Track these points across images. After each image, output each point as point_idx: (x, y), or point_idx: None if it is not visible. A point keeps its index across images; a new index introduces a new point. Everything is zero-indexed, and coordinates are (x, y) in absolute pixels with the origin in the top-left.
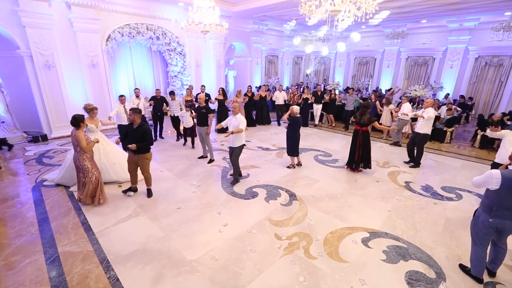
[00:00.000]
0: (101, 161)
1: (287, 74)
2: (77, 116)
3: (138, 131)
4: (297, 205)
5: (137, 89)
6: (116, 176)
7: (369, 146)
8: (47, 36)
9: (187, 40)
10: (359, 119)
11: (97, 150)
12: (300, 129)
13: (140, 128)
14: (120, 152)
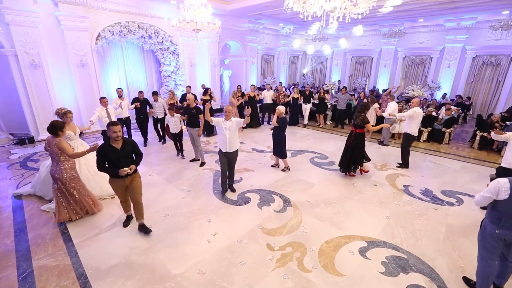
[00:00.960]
0: (82, 171)
1: (283, 74)
2: (56, 123)
3: (126, 148)
4: (291, 211)
5: (120, 88)
6: (100, 189)
7: (360, 149)
8: (32, 34)
9: (181, 39)
10: (354, 120)
11: (77, 160)
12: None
13: (127, 145)
14: None
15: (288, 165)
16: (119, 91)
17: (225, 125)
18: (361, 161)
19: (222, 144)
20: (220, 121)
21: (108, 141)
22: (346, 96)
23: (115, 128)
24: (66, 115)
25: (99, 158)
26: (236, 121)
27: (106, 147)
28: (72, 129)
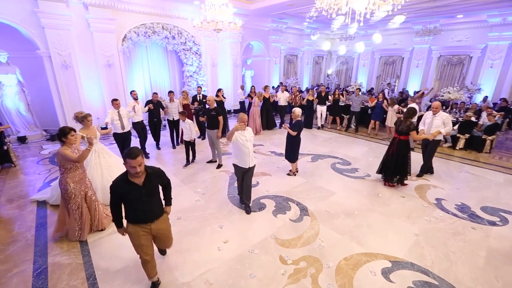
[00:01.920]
0: (104, 177)
1: (307, 74)
2: (62, 128)
3: (151, 182)
4: (308, 221)
5: (135, 91)
6: None
7: (405, 159)
8: (65, 36)
9: (203, 39)
10: (398, 126)
11: (99, 165)
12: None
13: (152, 177)
14: None
15: (297, 169)
16: (133, 93)
17: (244, 136)
18: (404, 174)
19: (243, 158)
20: (238, 134)
21: (125, 176)
22: (360, 97)
23: (134, 162)
24: (86, 119)
25: (112, 198)
26: (251, 135)
27: (122, 185)
28: (92, 132)
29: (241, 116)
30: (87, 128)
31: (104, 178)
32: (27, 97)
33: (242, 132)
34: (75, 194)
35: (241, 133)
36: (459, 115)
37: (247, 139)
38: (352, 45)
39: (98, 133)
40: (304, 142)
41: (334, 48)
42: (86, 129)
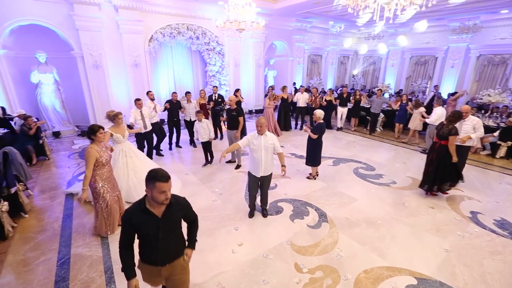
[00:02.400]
0: (129, 178)
1: (331, 75)
2: (91, 126)
3: (172, 214)
4: (327, 228)
5: (151, 91)
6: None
7: (447, 164)
8: (96, 38)
9: (226, 39)
10: (439, 129)
11: (125, 165)
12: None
13: (174, 208)
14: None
15: (317, 173)
16: (150, 94)
17: (258, 142)
18: (456, 178)
19: (255, 166)
20: (250, 138)
21: (142, 203)
22: (381, 99)
23: (165, 185)
24: (117, 117)
25: (123, 233)
26: (273, 137)
27: (139, 214)
28: (121, 131)
29: (257, 120)
30: (117, 126)
31: (129, 179)
32: (62, 95)
33: (257, 137)
34: (103, 192)
35: (254, 137)
36: (501, 120)
37: (261, 145)
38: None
39: (127, 132)
40: (326, 145)
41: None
42: (117, 127)
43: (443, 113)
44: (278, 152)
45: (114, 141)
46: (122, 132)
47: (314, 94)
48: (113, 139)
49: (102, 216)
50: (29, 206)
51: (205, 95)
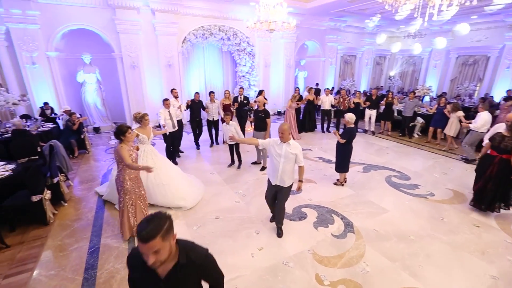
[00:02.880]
0: (148, 180)
1: (365, 76)
2: (120, 127)
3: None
4: (353, 239)
5: (175, 89)
6: (163, 200)
7: (509, 181)
8: (134, 40)
9: (257, 40)
10: (498, 141)
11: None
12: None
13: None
14: (173, 170)
15: (345, 179)
16: (174, 92)
17: (279, 149)
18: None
19: (272, 173)
20: (273, 142)
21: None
22: (414, 101)
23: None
24: (143, 118)
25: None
26: (297, 148)
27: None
28: (146, 132)
29: (280, 126)
30: (144, 128)
31: (148, 180)
32: (103, 93)
33: (279, 144)
34: (130, 191)
35: (277, 143)
36: None
37: (281, 153)
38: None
39: (152, 134)
40: (356, 150)
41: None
42: (143, 128)
43: (489, 119)
44: (299, 165)
45: (139, 141)
46: (147, 133)
47: (343, 95)
48: (138, 140)
49: (127, 216)
50: (68, 196)
51: (229, 95)
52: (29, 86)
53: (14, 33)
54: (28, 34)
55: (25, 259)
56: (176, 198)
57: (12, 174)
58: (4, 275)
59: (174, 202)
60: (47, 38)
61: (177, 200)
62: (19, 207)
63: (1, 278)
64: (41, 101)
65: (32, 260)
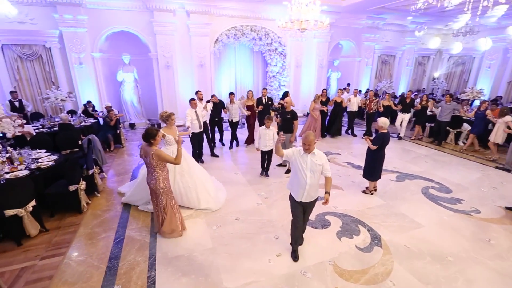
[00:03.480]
0: (175, 182)
1: (405, 77)
2: (150, 130)
3: None
4: (379, 254)
5: (200, 91)
6: (189, 202)
7: None
8: (169, 41)
9: (289, 39)
10: None
11: (173, 167)
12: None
13: None
14: (200, 172)
15: (375, 187)
16: (199, 94)
17: (303, 161)
18: None
19: (297, 188)
20: (296, 153)
21: None
22: (451, 105)
23: None
24: (170, 118)
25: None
26: (323, 157)
27: None
28: (173, 133)
29: (305, 137)
30: (170, 128)
31: (175, 183)
32: (139, 91)
33: (303, 155)
34: (168, 190)
35: (300, 154)
36: None
37: (307, 166)
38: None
39: (178, 133)
40: (391, 157)
41: (446, 45)
42: (169, 128)
43: None
44: (325, 175)
45: (166, 142)
46: (174, 133)
47: (370, 97)
48: (164, 141)
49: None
50: (101, 187)
51: (252, 96)
52: (76, 84)
53: (66, 36)
54: (77, 37)
55: (60, 244)
56: (202, 201)
57: (54, 165)
58: (41, 257)
59: (200, 205)
60: (93, 40)
61: (203, 203)
62: (59, 195)
63: (39, 259)
64: (86, 98)
65: (65, 245)
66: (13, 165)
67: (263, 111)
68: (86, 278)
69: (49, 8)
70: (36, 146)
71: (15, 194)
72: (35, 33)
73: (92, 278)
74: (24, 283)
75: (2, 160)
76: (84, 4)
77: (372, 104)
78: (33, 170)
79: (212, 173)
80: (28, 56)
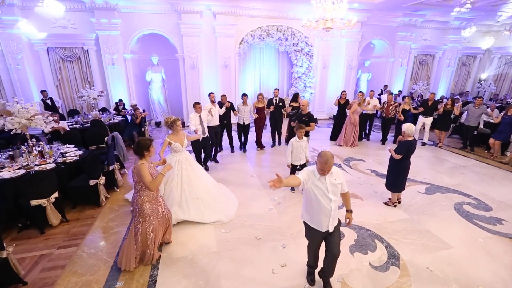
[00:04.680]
0: (183, 191)
1: (445, 79)
2: (142, 141)
3: None
4: (396, 275)
5: (213, 93)
6: (197, 216)
7: None
8: (195, 42)
9: (316, 39)
10: None
11: (180, 178)
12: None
13: None
14: (208, 181)
15: (399, 200)
16: (211, 96)
17: (322, 185)
18: None
19: (319, 218)
20: (312, 177)
21: None
22: (480, 108)
23: None
24: (175, 124)
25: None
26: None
27: None
28: (179, 139)
29: (323, 158)
30: (176, 134)
31: (182, 193)
32: (166, 91)
33: (319, 178)
34: (150, 215)
35: (315, 176)
36: None
37: (327, 188)
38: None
39: (186, 140)
40: (421, 166)
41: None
42: (175, 134)
43: None
44: (344, 191)
45: (172, 150)
46: (181, 140)
47: (388, 101)
48: (170, 148)
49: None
50: (121, 182)
51: (262, 98)
52: (109, 84)
53: (101, 39)
54: (111, 39)
55: (76, 235)
56: (211, 213)
57: (78, 159)
58: (58, 246)
59: (209, 217)
60: (125, 42)
61: (213, 214)
62: (80, 189)
63: (56, 248)
64: (117, 96)
65: (80, 237)
66: (44, 158)
67: (274, 112)
68: (94, 271)
69: (88, 13)
70: (67, 141)
71: (40, 186)
72: (75, 36)
73: (99, 271)
74: (40, 270)
75: (35, 153)
76: (118, 9)
77: (390, 109)
78: (59, 164)
79: (225, 175)
80: (69, 57)
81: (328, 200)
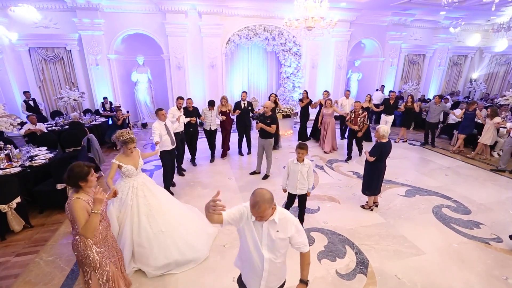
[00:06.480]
0: (140, 226)
1: (436, 79)
2: (77, 169)
3: None
4: (362, 283)
5: (181, 98)
6: (165, 257)
7: None
8: (181, 42)
9: (305, 39)
10: None
11: (136, 208)
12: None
13: None
14: (176, 208)
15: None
16: (179, 102)
17: (258, 233)
18: None
19: (248, 275)
20: (245, 217)
21: None
22: (440, 106)
23: None
24: (126, 146)
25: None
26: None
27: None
28: (132, 161)
29: (250, 201)
30: (128, 155)
31: (141, 228)
32: (152, 92)
33: (256, 224)
34: (99, 261)
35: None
36: None
37: (264, 241)
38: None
39: (141, 161)
40: (405, 167)
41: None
42: (127, 155)
43: None
44: (300, 251)
45: (124, 174)
46: (134, 161)
47: (356, 110)
48: (121, 173)
49: None
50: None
51: (226, 102)
52: (93, 85)
53: (84, 39)
54: (94, 39)
55: (38, 241)
56: (183, 250)
57: (47, 163)
58: (17, 253)
59: (182, 256)
60: (108, 43)
61: (186, 252)
62: (47, 193)
63: (14, 255)
64: (102, 98)
65: (42, 243)
66: (10, 162)
67: (240, 117)
68: (48, 280)
69: (70, 13)
70: (42, 143)
71: (1, 191)
72: (57, 36)
73: (54, 280)
74: None
75: (1, 157)
76: (101, 8)
77: (359, 120)
78: (25, 168)
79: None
80: (51, 58)
81: (260, 257)
